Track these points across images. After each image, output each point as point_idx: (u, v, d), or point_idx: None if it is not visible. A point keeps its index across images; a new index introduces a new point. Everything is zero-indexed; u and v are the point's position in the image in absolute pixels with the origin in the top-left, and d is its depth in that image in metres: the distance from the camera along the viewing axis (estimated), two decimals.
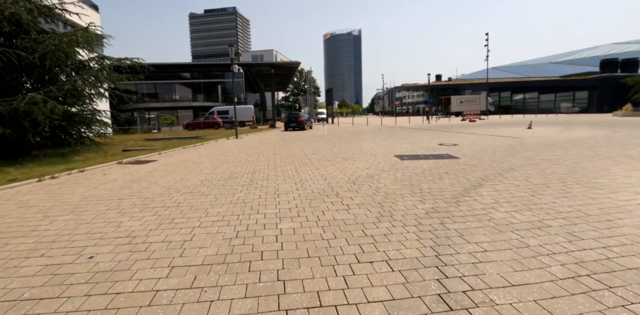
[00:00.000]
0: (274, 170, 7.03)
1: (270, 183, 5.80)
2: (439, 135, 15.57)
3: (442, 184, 5.39)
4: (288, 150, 11.08)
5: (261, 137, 17.98)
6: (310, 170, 7.04)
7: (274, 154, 9.85)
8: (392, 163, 7.69)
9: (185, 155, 10.39)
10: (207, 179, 6.25)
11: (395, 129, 22.39)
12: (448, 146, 10.93)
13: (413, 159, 8.21)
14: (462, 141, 12.48)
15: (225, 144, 14.30)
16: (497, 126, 21.97)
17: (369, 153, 9.62)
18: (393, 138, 14.94)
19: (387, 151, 9.99)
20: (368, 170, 6.85)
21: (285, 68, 44.01)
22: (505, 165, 7.05)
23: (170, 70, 43.28)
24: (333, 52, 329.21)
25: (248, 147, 12.52)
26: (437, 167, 7.05)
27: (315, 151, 10.50)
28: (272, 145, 13.13)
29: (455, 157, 8.31)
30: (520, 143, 11.19)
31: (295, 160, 8.63)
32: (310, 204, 4.39)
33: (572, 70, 58.50)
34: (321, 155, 9.49)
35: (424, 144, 11.74)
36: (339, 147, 11.44)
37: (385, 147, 11.06)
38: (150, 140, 18.58)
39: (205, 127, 29.99)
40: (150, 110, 43.14)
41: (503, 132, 16.23)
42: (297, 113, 26.14)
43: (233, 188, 5.43)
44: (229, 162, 8.38)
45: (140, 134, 27.45)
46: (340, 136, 17.38)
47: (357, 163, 7.80)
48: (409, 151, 9.87)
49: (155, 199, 4.85)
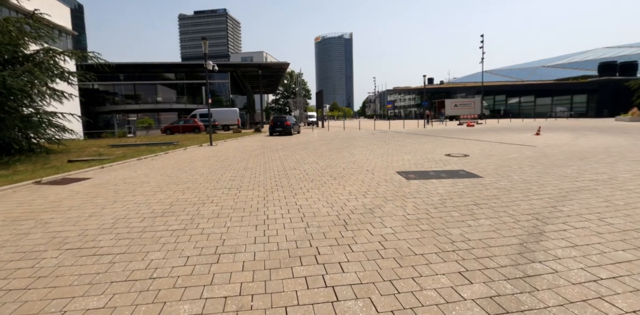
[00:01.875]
0: (234, 199, 5.03)
1: (217, 226, 3.80)
2: (441, 143, 13.76)
3: (481, 230, 3.48)
4: (265, 162, 9.08)
5: (240, 144, 15.90)
6: (285, 197, 5.07)
7: (244, 169, 7.84)
8: (395, 185, 5.77)
9: (135, 169, 8.31)
10: (129, 217, 4.22)
11: (390, 134, 20.57)
12: (458, 157, 9.09)
13: (422, 178, 6.30)
14: (471, 151, 10.66)
15: (194, 152, 12.22)
16: (501, 131, 20.34)
17: (364, 167, 7.70)
18: (390, 145, 13.06)
19: (386, 164, 8.07)
20: (365, 198, 4.92)
21: (274, 69, 42.04)
22: (549, 189, 5.19)
23: (152, 70, 40.85)
24: (324, 55, 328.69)
25: (218, 157, 10.48)
26: (459, 192, 5.15)
27: (298, 164, 8.53)
28: (248, 155, 11.11)
29: (475, 176, 6.43)
30: (542, 154, 9.41)
31: (269, 179, 6.64)
32: (268, 287, 2.41)
33: (565, 74, 57.78)
34: (304, 171, 7.52)
35: (428, 154, 9.88)
36: (328, 159, 9.49)
37: (383, 159, 9.16)
38: (114, 147, 16.38)
39: (184, 131, 27.77)
40: (129, 112, 40.62)
41: (512, 139, 14.51)
42: (283, 116, 24.05)
43: (154, 239, 3.42)
44: (180, 183, 6.34)
45: (113, 139, 25.11)
46: (329, 143, 15.45)
47: (349, 184, 5.86)
48: (412, 165, 7.97)
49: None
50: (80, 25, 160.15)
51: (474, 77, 78.68)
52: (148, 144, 17.28)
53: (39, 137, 13.87)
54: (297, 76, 63.06)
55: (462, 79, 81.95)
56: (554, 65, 65.51)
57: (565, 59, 67.74)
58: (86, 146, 17.55)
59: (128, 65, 40.08)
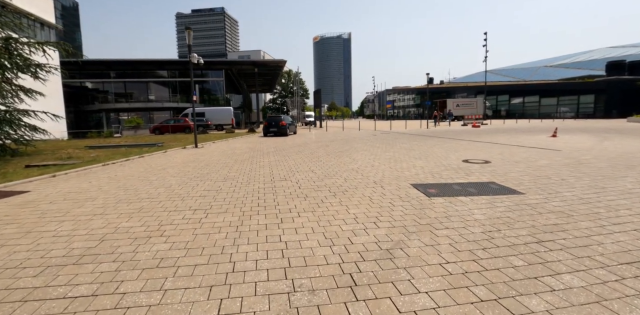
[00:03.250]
0: (194, 229, 3.62)
1: (148, 289, 2.39)
2: (452, 146, 12.40)
3: (576, 299, 2.09)
4: (251, 170, 7.67)
5: (228, 146, 14.43)
6: (267, 227, 3.67)
7: (223, 180, 6.41)
8: (415, 205, 4.38)
9: (91, 179, 6.88)
10: (22, 266, 2.81)
11: (393, 135, 19.19)
12: (479, 164, 7.71)
13: (447, 194, 4.92)
14: (490, 156, 9.30)
15: (173, 156, 10.79)
16: (511, 133, 19.00)
17: (370, 178, 6.30)
18: (395, 149, 11.68)
19: (396, 174, 6.68)
20: (377, 228, 3.52)
21: (270, 67, 40.57)
22: (625, 214, 3.83)
23: (143, 67, 39.28)
24: (323, 55, 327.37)
25: (198, 163, 9.05)
26: (504, 219, 3.77)
27: (290, 174, 7.13)
28: (234, 159, 9.69)
29: (513, 191, 5.05)
30: (575, 160, 8.06)
31: (250, 194, 5.24)
32: None
33: (569, 74, 56.45)
34: (296, 182, 6.12)
35: (442, 160, 8.50)
36: (326, 165, 8.09)
37: (391, 165, 7.77)
38: (91, 148, 14.93)
39: (174, 131, 26.31)
40: (120, 111, 39.09)
41: (528, 142, 13.16)
42: (278, 116, 22.55)
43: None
44: (135, 200, 4.93)
45: (97, 139, 23.61)
46: (328, 145, 14.05)
47: (354, 204, 4.46)
48: (428, 174, 6.59)
49: None
50: (75, 23, 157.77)
51: (474, 77, 77.53)
52: (129, 145, 15.83)
53: (3, 138, 12.41)
54: (295, 75, 61.53)
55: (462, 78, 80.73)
56: (557, 65, 64.24)
57: (568, 58, 66.51)
58: (63, 147, 16.08)
59: (118, 61, 38.58)
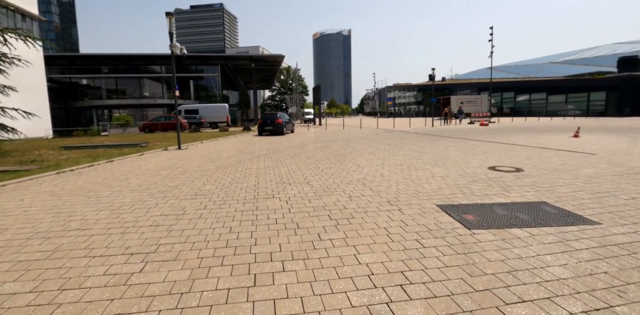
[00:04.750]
0: (112, 298, 2.23)
1: None
2: (467, 147, 11.00)
3: None
4: (232, 182, 6.28)
5: (216, 147, 12.95)
6: (229, 294, 2.27)
7: (194, 196, 5.02)
8: (454, 246, 3.00)
9: (31, 192, 5.49)
10: None
11: (398, 135, 17.78)
12: (511, 174, 6.33)
13: (492, 225, 3.53)
14: (518, 161, 7.92)
15: (148, 160, 9.38)
16: (526, 132, 17.60)
17: (382, 194, 4.91)
18: (404, 151, 10.29)
19: (414, 188, 5.30)
20: (408, 301, 2.13)
21: (267, 62, 39.02)
22: None
23: (135, 62, 37.71)
24: (323, 52, 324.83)
25: (172, 170, 7.65)
26: (599, 276, 2.38)
27: (280, 187, 5.74)
28: (217, 165, 8.29)
29: (581, 218, 3.67)
30: (624, 168, 6.67)
31: (220, 223, 3.85)
32: None
33: (576, 70, 54.79)
34: (286, 201, 4.74)
35: (464, 167, 7.12)
36: (325, 175, 6.71)
37: (404, 175, 6.38)
38: (66, 149, 13.53)
39: (165, 129, 24.87)
40: (111, 108, 37.59)
41: (551, 143, 11.78)
42: (274, 113, 21.02)
43: None
44: (58, 234, 3.55)
45: (81, 138, 22.19)
46: (327, 146, 12.66)
47: (365, 246, 3.08)
48: (453, 187, 5.21)
49: None
50: (71, 19, 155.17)
51: (476, 74, 75.95)
52: (110, 145, 14.43)
53: None
54: (294, 72, 59.88)
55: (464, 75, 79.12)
56: (562, 62, 62.53)
57: (574, 55, 64.77)
58: (37, 147, 14.67)
59: (109, 56, 37.05)
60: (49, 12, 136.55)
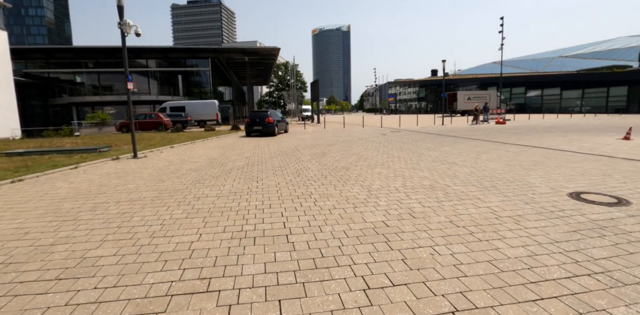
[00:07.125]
0: None
1: None
2: (505, 155, 8.50)
3: None
4: (162, 227, 3.80)
5: (182, 156, 10.17)
6: None
7: (91, 268, 2.55)
8: None
9: None
10: None
11: (408, 136, 15.25)
12: (615, 208, 3.84)
13: None
14: (600, 181, 5.46)
15: (76, 179, 6.84)
16: (555, 132, 15.09)
17: (434, 285, 2.43)
18: (426, 161, 7.78)
19: (483, 254, 2.80)
20: None
21: (262, 55, 36.32)
22: None
23: (119, 55, 34.93)
24: (322, 48, 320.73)
25: (82, 202, 5.13)
26: None
27: (233, 251, 3.25)
28: (160, 190, 5.77)
29: None
30: None
31: None
32: None
33: (589, 64, 51.87)
34: (230, 307, 2.24)
35: (530, 194, 4.64)
36: (319, 216, 4.23)
37: (449, 214, 3.90)
38: (8, 155, 11.03)
39: (144, 128, 22.29)
40: (92, 105, 34.94)
41: (605, 148, 9.30)
42: (264, 111, 18.33)
43: None
44: None
45: (49, 139, 19.63)
46: (325, 153, 10.14)
47: None
48: (550, 243, 2.72)
49: None
50: (64, 13, 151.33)
51: (481, 68, 73.08)
52: (65, 150, 11.91)
53: None
54: (293, 67, 57.14)
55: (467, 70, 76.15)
56: (573, 55, 59.67)
57: (585, 48, 61.89)
58: None
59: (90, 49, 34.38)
60: (41, 7, 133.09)
